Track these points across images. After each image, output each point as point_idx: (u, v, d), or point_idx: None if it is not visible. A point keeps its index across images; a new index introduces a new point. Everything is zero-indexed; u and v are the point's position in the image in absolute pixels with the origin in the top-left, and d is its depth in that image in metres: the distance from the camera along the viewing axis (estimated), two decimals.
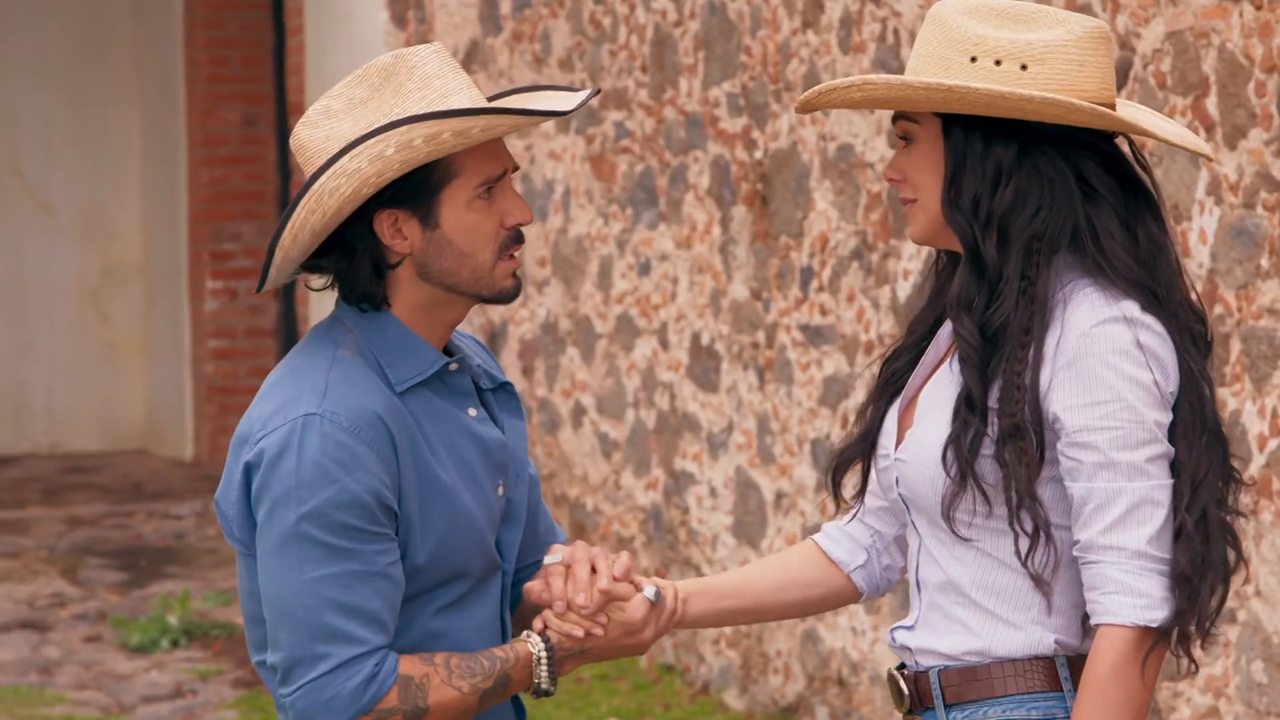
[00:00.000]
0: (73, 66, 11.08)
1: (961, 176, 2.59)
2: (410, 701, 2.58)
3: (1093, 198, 2.59)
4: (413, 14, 8.67)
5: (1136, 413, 2.55)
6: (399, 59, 2.63)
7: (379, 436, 2.59)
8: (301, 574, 2.56)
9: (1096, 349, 2.56)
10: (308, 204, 2.58)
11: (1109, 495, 2.56)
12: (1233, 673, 4.45)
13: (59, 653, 7.27)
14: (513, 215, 2.66)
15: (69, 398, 11.08)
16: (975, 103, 2.55)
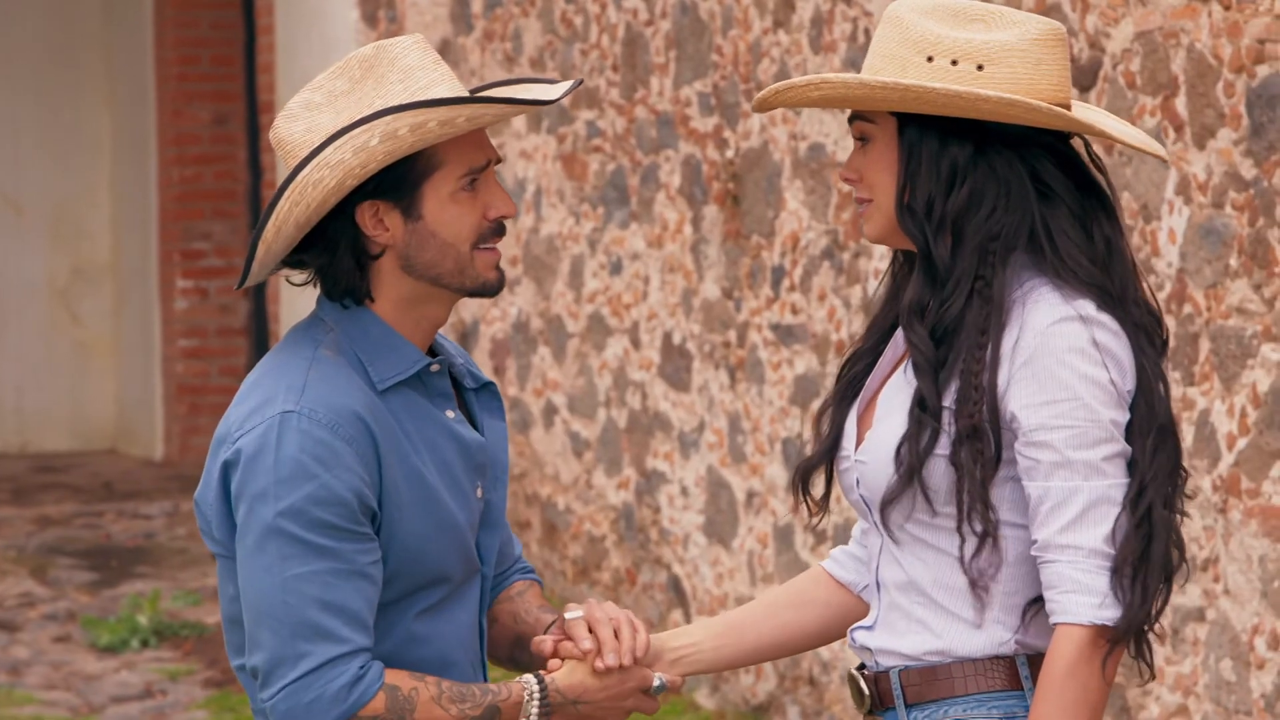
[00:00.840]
0: (42, 66, 11.05)
1: (916, 177, 2.58)
2: (397, 712, 2.54)
3: (1048, 198, 2.58)
4: (383, 12, 8.65)
5: (1093, 411, 2.54)
6: (380, 50, 2.61)
7: (359, 434, 2.57)
8: (282, 571, 2.52)
9: (1053, 347, 2.55)
10: (291, 196, 2.55)
11: (1065, 494, 2.55)
12: (1201, 671, 4.46)
13: (28, 653, 7.24)
14: (495, 207, 2.64)
15: (39, 397, 11.05)
16: (932, 102, 2.54)
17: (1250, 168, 4.29)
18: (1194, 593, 4.49)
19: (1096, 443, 2.55)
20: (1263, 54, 4.25)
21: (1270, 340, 4.28)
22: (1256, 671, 4.31)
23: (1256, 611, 4.30)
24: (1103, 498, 2.55)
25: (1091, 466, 2.54)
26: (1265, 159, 4.25)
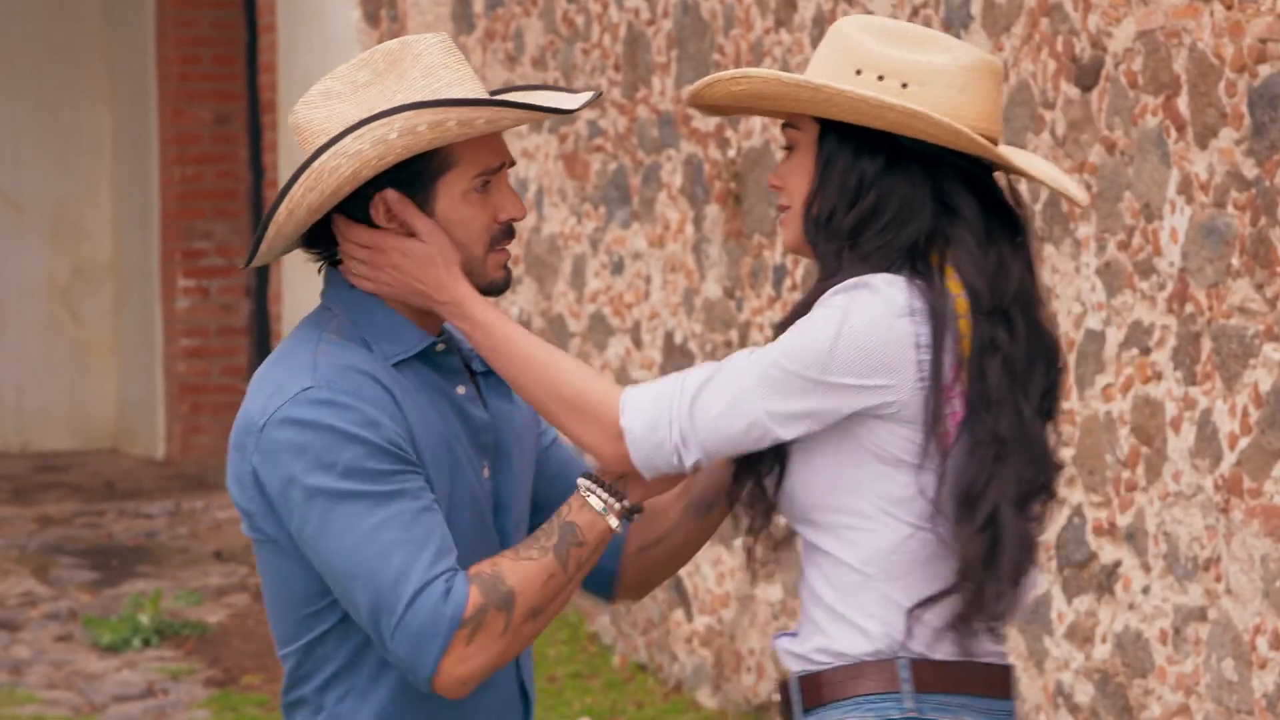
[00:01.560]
0: (43, 65, 11.05)
1: (826, 186, 2.61)
2: (494, 591, 2.54)
3: (952, 214, 2.61)
4: (385, 12, 8.65)
5: (805, 341, 2.56)
6: (405, 46, 2.62)
7: (380, 396, 2.59)
8: (357, 529, 2.53)
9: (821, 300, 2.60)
10: (306, 181, 2.56)
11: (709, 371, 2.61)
12: (1203, 670, 4.46)
13: (29, 652, 7.25)
14: (506, 210, 2.66)
15: (40, 396, 11.05)
16: (839, 105, 2.56)
17: (1252, 167, 4.29)
18: (1196, 592, 4.49)
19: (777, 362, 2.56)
20: (1264, 53, 4.25)
21: (1272, 340, 4.28)
22: (1258, 671, 4.31)
23: (1258, 611, 4.31)
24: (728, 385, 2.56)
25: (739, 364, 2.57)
26: (1267, 158, 4.25)
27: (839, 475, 2.60)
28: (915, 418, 2.57)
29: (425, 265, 2.62)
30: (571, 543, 2.58)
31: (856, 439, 2.58)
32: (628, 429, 2.57)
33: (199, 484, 9.75)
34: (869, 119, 2.57)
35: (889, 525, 2.59)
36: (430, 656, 2.52)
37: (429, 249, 2.62)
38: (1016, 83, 5.03)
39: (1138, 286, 4.66)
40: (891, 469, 2.58)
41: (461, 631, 2.52)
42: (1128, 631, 4.71)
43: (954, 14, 5.22)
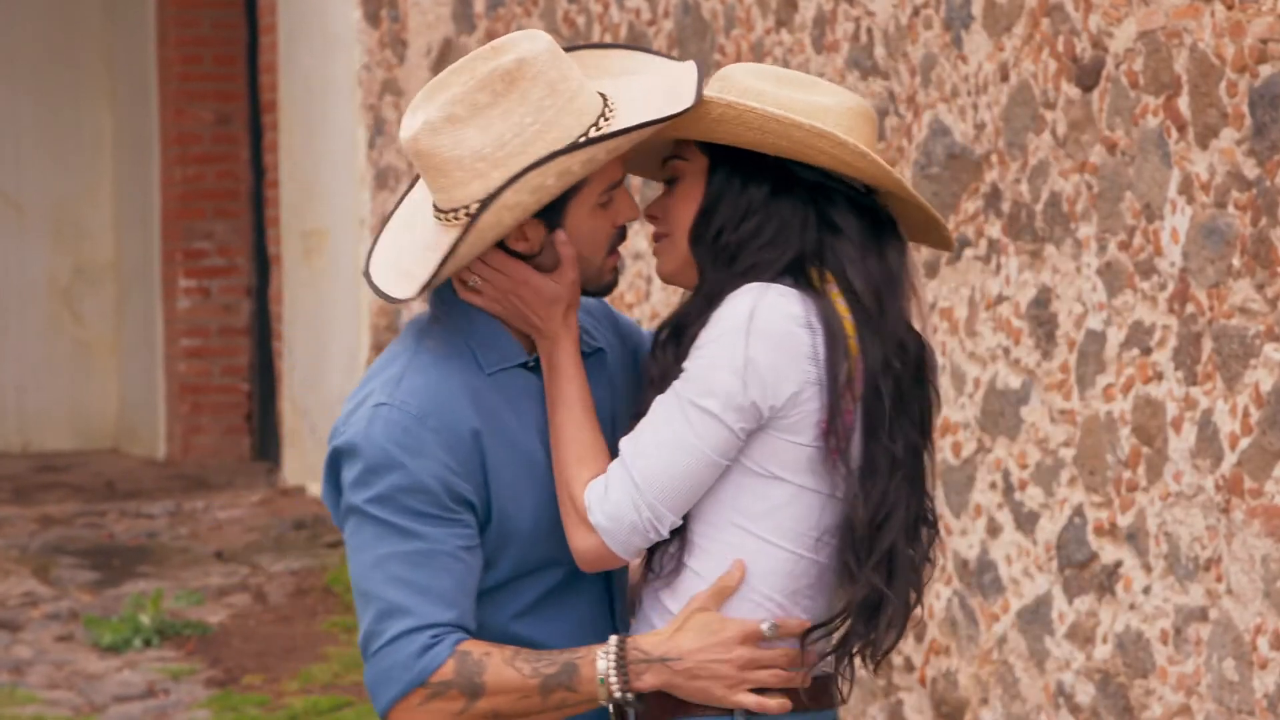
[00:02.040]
0: (43, 65, 11.05)
1: (714, 212, 2.67)
2: (465, 675, 2.59)
3: (835, 232, 2.67)
4: (386, 12, 8.65)
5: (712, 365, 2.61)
6: (521, 64, 2.62)
7: (449, 424, 2.64)
8: (373, 552, 2.62)
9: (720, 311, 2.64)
10: (469, 240, 2.62)
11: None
12: (1204, 670, 4.46)
13: (30, 652, 7.24)
14: (624, 214, 2.71)
15: (40, 396, 11.05)
16: (709, 114, 2.63)
17: (1253, 167, 4.29)
18: (1197, 592, 4.49)
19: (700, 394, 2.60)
20: (1265, 54, 4.25)
21: (1273, 340, 4.28)
22: (1259, 671, 4.31)
23: (1259, 611, 4.30)
24: (674, 442, 2.59)
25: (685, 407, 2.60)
26: (1268, 159, 4.25)
27: (713, 493, 2.62)
28: (802, 435, 2.60)
29: (550, 304, 2.67)
30: (564, 684, 2.61)
31: (740, 453, 2.61)
32: (599, 526, 2.60)
33: (200, 484, 9.75)
34: (734, 129, 2.64)
35: (743, 541, 2.60)
36: (386, 697, 2.61)
37: (559, 291, 2.67)
38: (1017, 83, 5.03)
39: (1138, 287, 4.65)
40: (754, 481, 2.60)
41: (420, 690, 2.59)
42: (1129, 632, 4.71)
43: (955, 14, 5.22)
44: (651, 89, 2.69)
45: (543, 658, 2.62)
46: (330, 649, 7.09)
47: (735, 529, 2.61)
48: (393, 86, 8.56)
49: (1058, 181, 4.92)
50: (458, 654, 2.60)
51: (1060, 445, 4.95)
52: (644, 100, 2.67)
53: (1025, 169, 5.04)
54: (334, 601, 7.70)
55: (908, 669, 5.48)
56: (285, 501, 9.22)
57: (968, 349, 5.29)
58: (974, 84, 5.19)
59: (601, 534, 2.60)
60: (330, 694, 6.61)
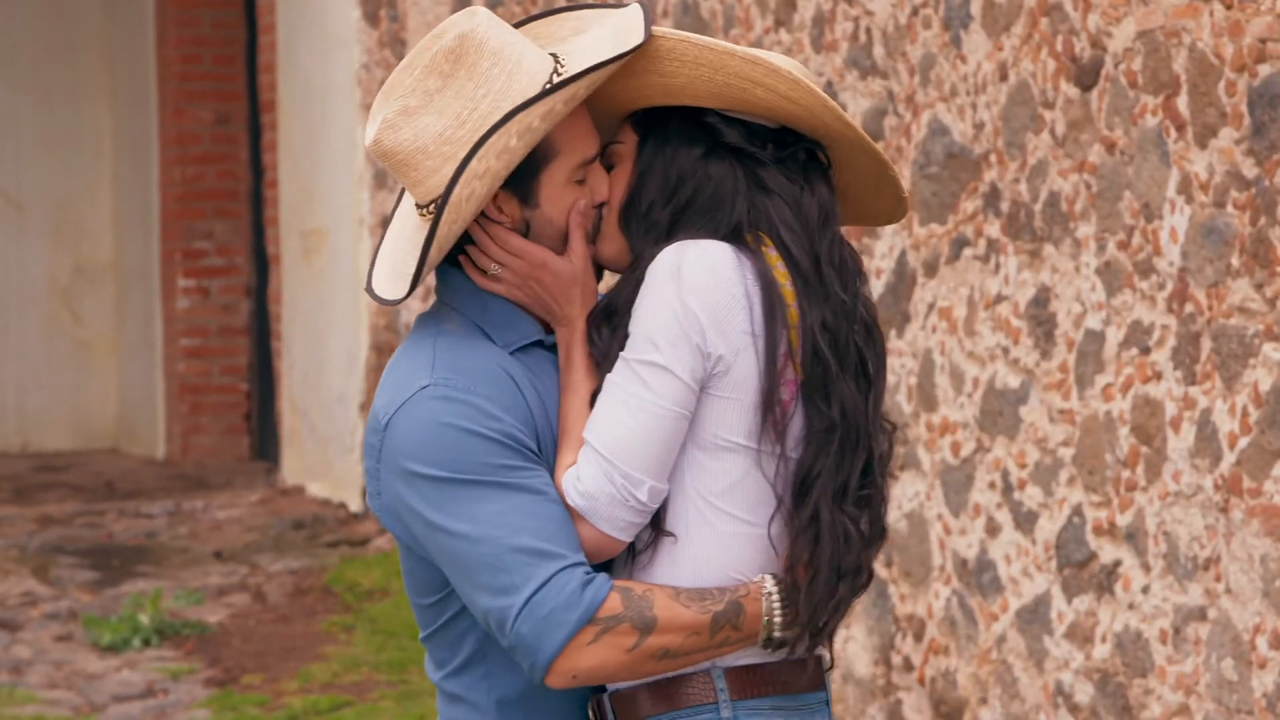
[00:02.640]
0: (43, 65, 11.05)
1: (645, 185, 2.63)
2: (635, 609, 2.48)
3: (766, 192, 2.62)
4: (385, 12, 8.65)
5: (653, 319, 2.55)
6: (462, 40, 2.59)
7: (498, 390, 2.58)
8: (473, 522, 2.50)
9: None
10: (448, 216, 2.58)
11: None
12: (1203, 670, 4.46)
13: (30, 652, 7.24)
14: (601, 191, 2.67)
15: (40, 396, 11.05)
16: (651, 50, 2.58)
17: (1252, 167, 4.29)
18: (1195, 592, 4.49)
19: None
20: (1264, 53, 4.25)
21: (1272, 339, 4.28)
22: (1258, 671, 4.31)
23: (1258, 611, 4.30)
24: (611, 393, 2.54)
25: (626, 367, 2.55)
26: (1267, 158, 4.25)
27: (676, 472, 2.56)
28: (746, 393, 2.54)
29: (569, 286, 2.63)
30: (730, 621, 2.54)
31: (692, 425, 2.55)
32: (579, 508, 2.53)
33: (199, 484, 9.74)
34: (711, 70, 2.58)
35: (711, 519, 2.55)
36: (555, 640, 2.47)
37: (576, 271, 2.63)
38: (1016, 82, 5.03)
39: (1137, 286, 4.65)
40: (710, 456, 2.55)
41: (590, 627, 2.48)
42: (1128, 631, 4.71)
43: (954, 14, 5.22)
44: (601, 38, 2.65)
45: (706, 596, 2.53)
46: (329, 648, 7.09)
47: (704, 503, 2.56)
48: None
49: (1057, 181, 4.92)
50: (619, 589, 2.49)
51: (1059, 445, 4.95)
52: (595, 50, 2.64)
53: (1024, 168, 5.04)
54: (333, 601, 7.70)
55: (907, 668, 5.48)
56: (284, 501, 9.22)
57: (966, 348, 5.28)
58: (973, 83, 5.19)
59: (585, 515, 2.52)
60: (329, 693, 6.61)
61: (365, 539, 8.52)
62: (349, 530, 8.67)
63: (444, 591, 2.62)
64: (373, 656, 6.92)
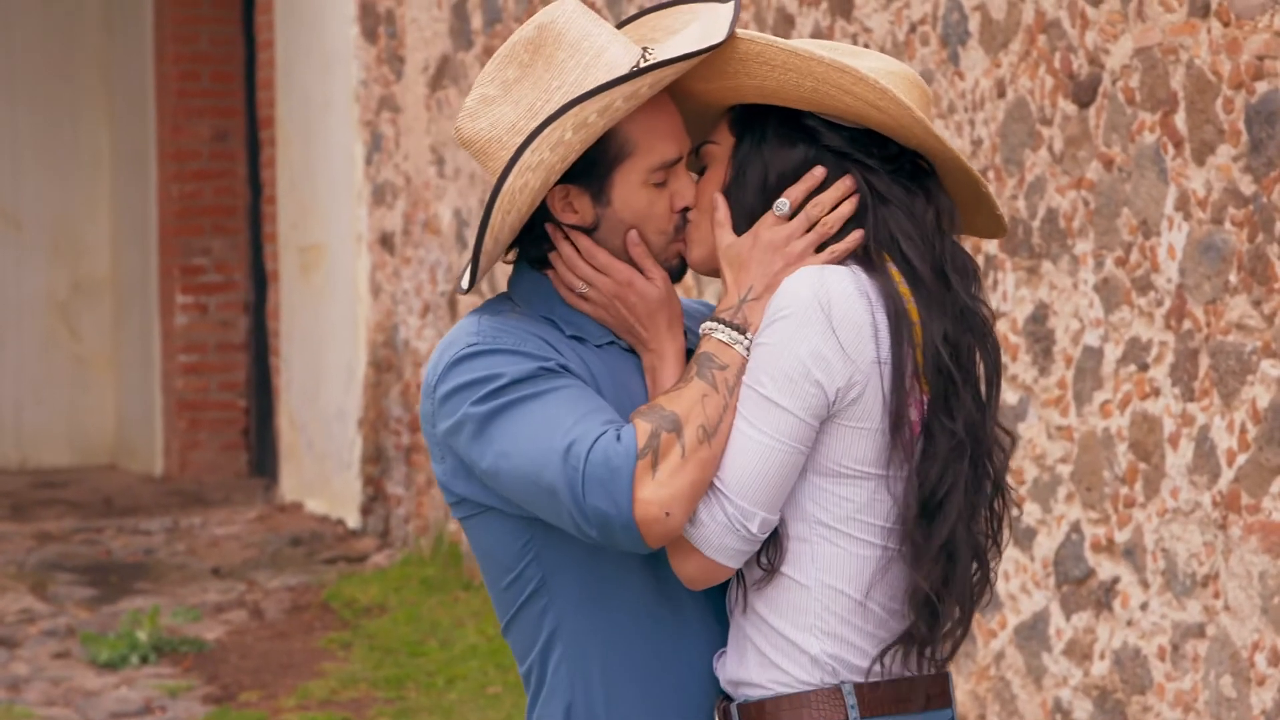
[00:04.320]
0: (41, 81, 11.05)
1: (741, 183, 2.56)
2: (658, 418, 2.49)
3: (883, 201, 2.56)
4: (383, 28, 8.65)
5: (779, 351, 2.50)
6: (541, 30, 2.57)
7: (543, 348, 2.57)
8: (532, 423, 2.51)
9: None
10: (501, 206, 2.55)
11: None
12: (1202, 687, 4.45)
13: (28, 669, 7.23)
14: (684, 196, 2.61)
15: (38, 412, 11.04)
16: (735, 54, 2.52)
17: (1249, 184, 4.29)
18: (1194, 609, 4.48)
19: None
20: (1262, 70, 4.25)
21: (1270, 356, 4.27)
22: (1257, 688, 4.30)
23: (1257, 628, 4.29)
24: (738, 436, 2.49)
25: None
26: (1264, 175, 4.25)
27: (794, 497, 2.53)
28: (873, 420, 2.51)
29: (657, 311, 2.59)
30: (712, 366, 2.53)
31: (815, 451, 2.52)
32: (689, 534, 2.49)
33: (197, 500, 9.74)
34: (799, 76, 2.52)
35: (837, 542, 2.52)
36: (621, 495, 2.47)
37: (663, 295, 2.60)
38: (1014, 99, 5.03)
39: (1135, 303, 4.65)
40: (834, 483, 2.52)
41: (643, 462, 2.47)
42: (1126, 648, 4.70)
43: (951, 30, 5.22)
44: (688, 36, 2.60)
45: (680, 376, 2.55)
46: (327, 665, 7.08)
47: (822, 528, 2.52)
48: (390, 103, 8.56)
49: (1054, 198, 4.92)
50: (637, 417, 2.51)
51: (1057, 461, 4.94)
52: (680, 47, 2.58)
53: (1022, 185, 5.04)
54: (331, 618, 7.69)
55: None
56: (282, 517, 9.21)
57: None
58: (971, 100, 5.19)
59: (694, 542, 2.49)
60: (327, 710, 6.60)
61: (363, 555, 8.51)
62: (347, 546, 8.66)
63: (518, 568, 2.61)
64: (370, 673, 6.91)
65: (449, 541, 8.00)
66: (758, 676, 2.55)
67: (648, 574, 2.58)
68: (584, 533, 2.51)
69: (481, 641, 7.06)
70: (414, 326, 8.38)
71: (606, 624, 2.60)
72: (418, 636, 7.24)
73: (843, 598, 2.52)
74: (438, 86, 8.19)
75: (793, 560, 2.53)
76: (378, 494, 8.67)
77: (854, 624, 2.52)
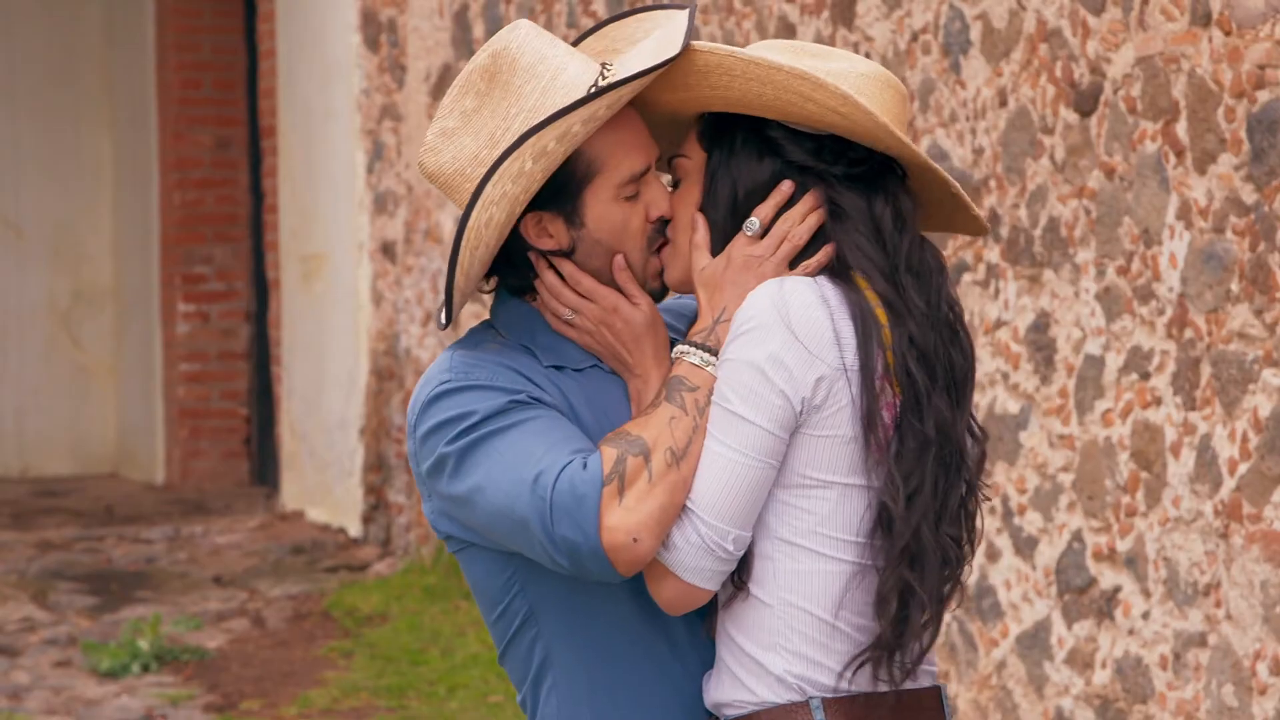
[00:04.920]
0: (43, 89, 11.05)
1: (712, 203, 2.54)
2: (623, 443, 2.47)
3: (840, 219, 2.54)
4: (385, 37, 8.65)
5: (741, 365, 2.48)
6: (496, 57, 2.53)
7: (516, 380, 2.54)
8: (505, 455, 2.49)
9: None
10: (469, 242, 2.51)
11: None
12: (1204, 696, 4.44)
13: (29, 678, 7.22)
14: (658, 206, 2.57)
15: (39, 421, 11.04)
16: (694, 66, 2.50)
17: (1251, 193, 4.28)
18: (1196, 618, 4.48)
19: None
20: (1263, 79, 4.24)
21: (1271, 365, 4.27)
22: (1259, 697, 4.30)
23: (1258, 637, 4.29)
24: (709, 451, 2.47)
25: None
26: (1266, 184, 4.24)
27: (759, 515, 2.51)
28: (839, 428, 2.47)
29: (642, 336, 2.57)
30: (682, 389, 2.50)
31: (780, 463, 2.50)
32: (662, 559, 2.47)
33: (198, 509, 9.73)
34: (759, 85, 2.49)
35: (799, 558, 2.49)
36: (588, 523, 2.43)
37: (648, 319, 2.58)
38: (1016, 108, 5.02)
39: (1137, 312, 4.64)
40: (796, 495, 2.48)
41: (608, 488, 2.44)
42: (1128, 657, 4.70)
43: (953, 40, 5.22)
44: (647, 47, 2.56)
45: (651, 401, 2.52)
46: (329, 674, 7.07)
47: (783, 544, 2.49)
48: (392, 111, 8.56)
49: (1056, 206, 4.92)
50: (603, 443, 2.48)
51: (1059, 470, 4.94)
52: (638, 61, 2.54)
53: (1024, 194, 5.03)
54: (332, 626, 7.68)
55: None
56: (284, 526, 9.21)
57: None
58: (972, 109, 5.19)
59: (669, 566, 2.46)
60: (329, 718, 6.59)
61: (365, 564, 8.50)
62: (348, 555, 8.65)
63: (505, 601, 2.59)
64: (372, 682, 6.90)
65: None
66: (730, 696, 2.52)
67: (633, 601, 2.56)
68: (556, 563, 2.48)
69: (483, 650, 7.05)
70: (415, 335, 8.37)
71: (593, 653, 2.58)
72: (419, 645, 7.23)
73: (807, 616, 2.48)
74: (439, 95, 8.18)
75: (757, 578, 2.50)
76: (379, 502, 8.67)
77: (820, 642, 2.49)
